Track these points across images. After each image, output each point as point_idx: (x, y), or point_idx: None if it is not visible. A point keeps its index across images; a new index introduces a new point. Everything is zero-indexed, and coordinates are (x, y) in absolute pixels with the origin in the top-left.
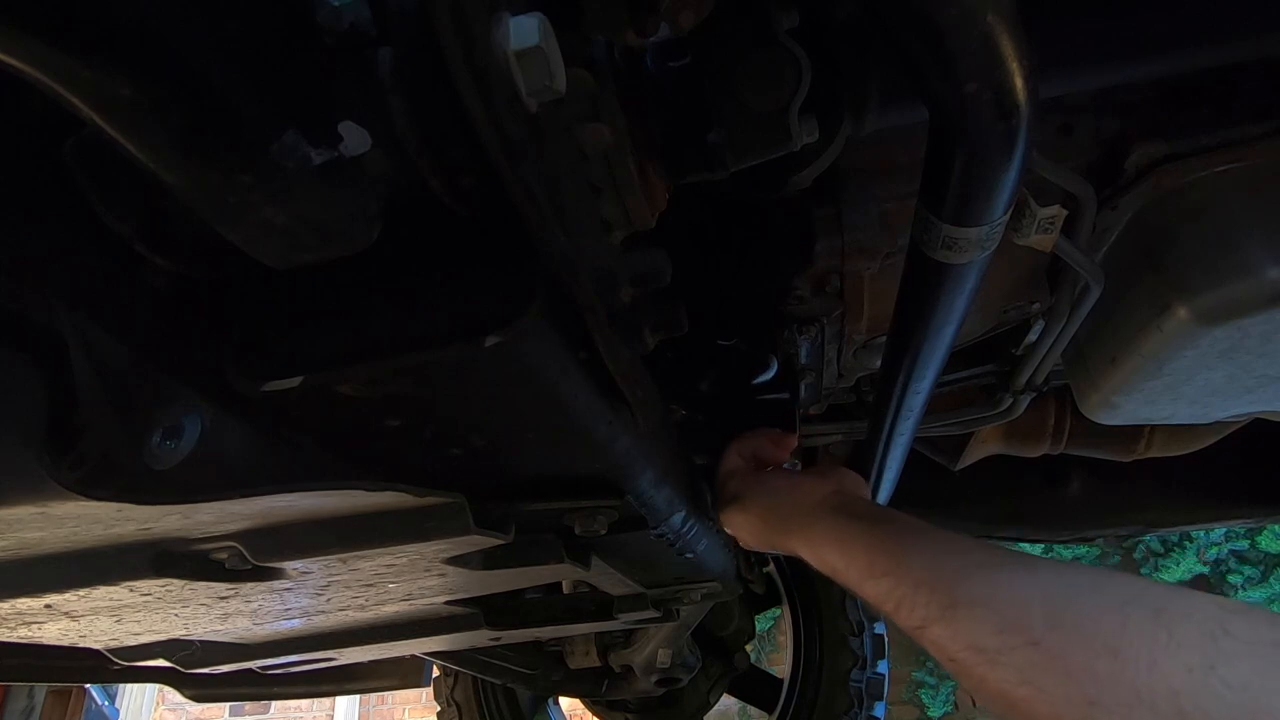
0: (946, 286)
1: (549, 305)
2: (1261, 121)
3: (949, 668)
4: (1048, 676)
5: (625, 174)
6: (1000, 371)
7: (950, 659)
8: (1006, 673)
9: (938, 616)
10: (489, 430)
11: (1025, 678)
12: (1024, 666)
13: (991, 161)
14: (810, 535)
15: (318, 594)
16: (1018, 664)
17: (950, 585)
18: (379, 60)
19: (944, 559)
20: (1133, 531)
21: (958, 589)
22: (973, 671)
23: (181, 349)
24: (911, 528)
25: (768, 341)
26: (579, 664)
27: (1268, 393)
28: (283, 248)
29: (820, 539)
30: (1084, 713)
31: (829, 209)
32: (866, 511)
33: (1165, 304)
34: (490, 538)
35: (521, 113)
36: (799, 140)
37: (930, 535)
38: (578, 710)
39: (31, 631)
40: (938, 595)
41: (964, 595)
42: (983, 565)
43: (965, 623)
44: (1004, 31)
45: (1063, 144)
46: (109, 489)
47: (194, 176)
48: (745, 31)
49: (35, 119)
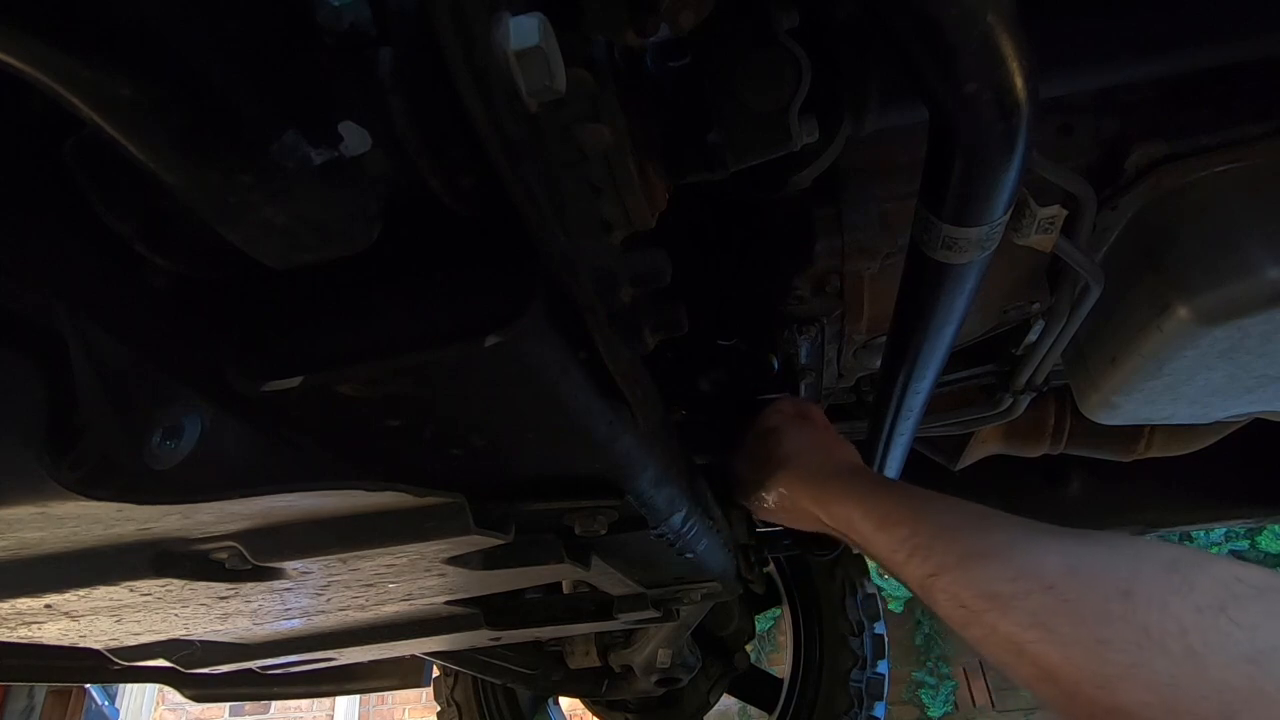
0: (946, 286)
1: (549, 305)
2: (1261, 121)
3: (956, 616)
4: (1059, 618)
5: (625, 174)
6: (1000, 371)
7: (961, 605)
8: (1019, 616)
9: (953, 564)
10: (489, 430)
11: (1037, 620)
12: (1037, 610)
13: (991, 161)
14: (829, 490)
15: (318, 594)
16: (1031, 608)
17: (969, 535)
18: (379, 60)
19: (964, 514)
20: (1133, 531)
21: (975, 539)
22: (983, 619)
23: (181, 349)
24: (930, 493)
25: (768, 341)
26: (579, 664)
27: (1268, 393)
28: (283, 248)
29: (838, 494)
30: (1093, 651)
31: (829, 209)
32: (882, 478)
33: (1165, 304)
34: (490, 538)
35: (521, 113)
36: (799, 140)
37: (949, 499)
38: (578, 710)
39: (31, 631)
40: (956, 544)
41: (980, 545)
42: (1002, 522)
43: (980, 570)
44: (1004, 31)
45: (1063, 144)
46: (109, 489)
47: (194, 176)
48: (745, 31)
49: (35, 119)
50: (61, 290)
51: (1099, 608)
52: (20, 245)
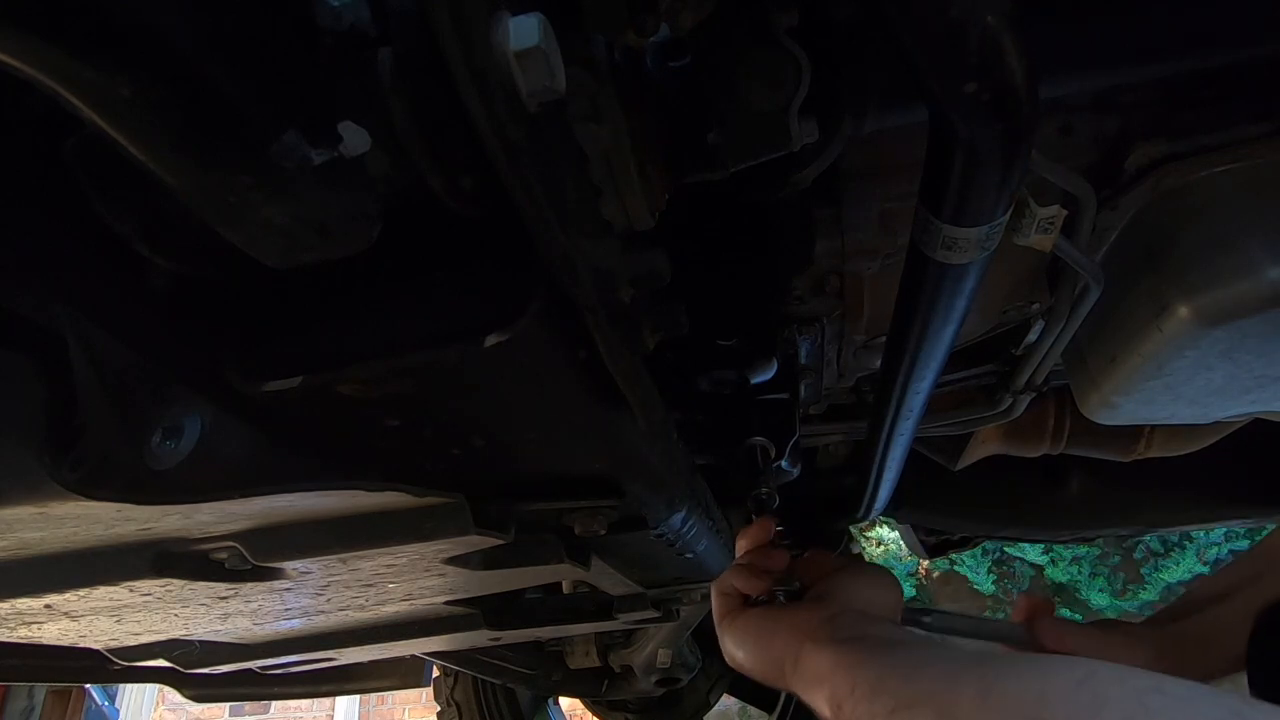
0: (946, 287)
1: (549, 305)
2: (1261, 121)
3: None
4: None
5: (625, 174)
6: (1000, 371)
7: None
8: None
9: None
10: (489, 430)
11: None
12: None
13: (991, 161)
14: (797, 679)
15: (318, 594)
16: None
17: (898, 687)
18: (379, 60)
19: (895, 665)
20: (1133, 531)
21: (904, 690)
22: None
23: (181, 349)
24: (873, 639)
25: (768, 341)
26: (579, 664)
27: (1267, 393)
28: (283, 248)
29: (805, 678)
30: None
31: (829, 209)
32: (841, 637)
33: (1165, 304)
34: (490, 538)
35: (521, 113)
36: (799, 140)
37: (895, 644)
38: (578, 710)
39: (31, 631)
40: (883, 698)
41: (907, 696)
42: (929, 666)
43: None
44: (1004, 31)
45: (1063, 144)
46: (109, 489)
47: (194, 176)
48: (745, 32)
49: (35, 119)
50: (61, 290)
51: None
52: (20, 245)
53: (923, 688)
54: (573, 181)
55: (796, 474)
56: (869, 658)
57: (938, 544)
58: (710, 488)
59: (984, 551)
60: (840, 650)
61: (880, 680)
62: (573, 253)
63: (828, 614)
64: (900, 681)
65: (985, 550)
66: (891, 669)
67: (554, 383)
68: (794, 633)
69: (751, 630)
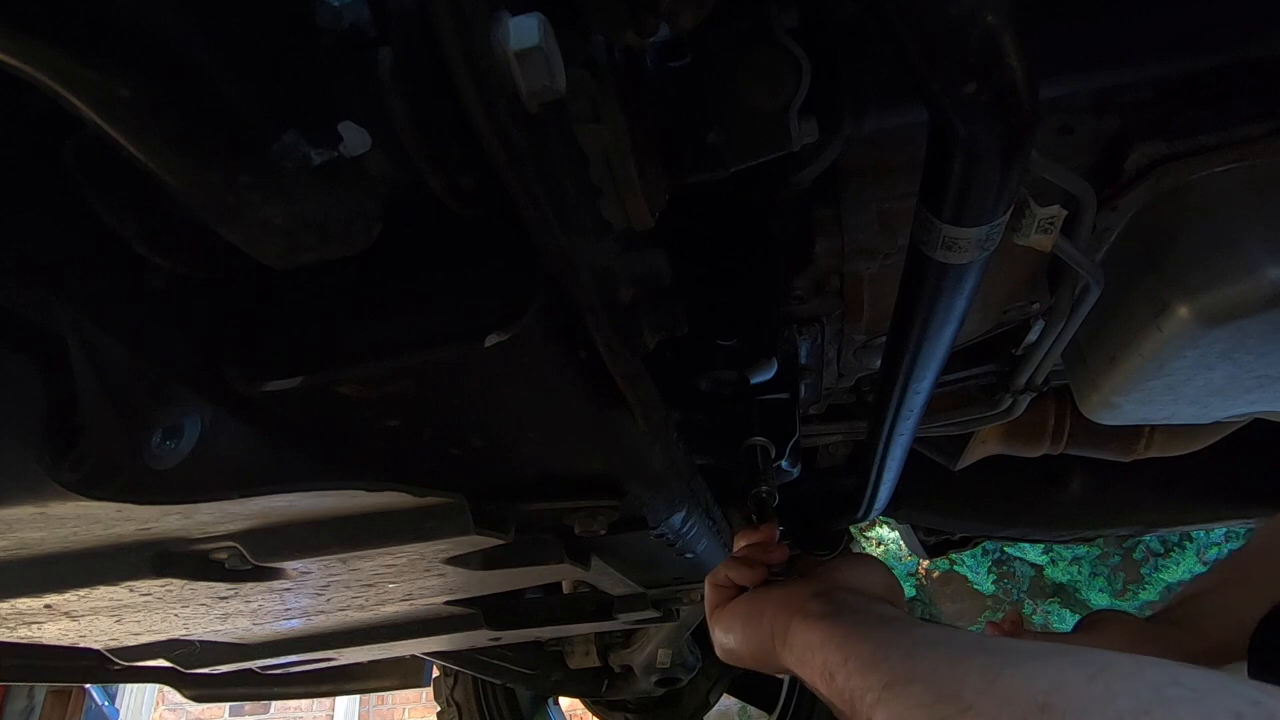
0: (946, 287)
1: (549, 305)
2: (1261, 121)
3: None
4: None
5: (625, 174)
6: (1000, 371)
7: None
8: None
9: (875, 699)
10: (489, 430)
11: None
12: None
13: (991, 161)
14: (788, 653)
15: (317, 594)
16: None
17: (895, 663)
18: (379, 60)
19: (894, 640)
20: (1133, 531)
21: (901, 666)
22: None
23: (181, 349)
24: (867, 615)
25: (768, 341)
26: (579, 664)
27: (1267, 393)
28: (283, 248)
29: (795, 651)
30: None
31: (829, 209)
32: (833, 610)
33: (1165, 304)
34: (490, 538)
35: (521, 113)
36: (799, 140)
37: (888, 621)
38: (578, 710)
39: (31, 631)
40: (878, 673)
41: (904, 671)
42: (931, 644)
43: (901, 698)
44: (1004, 31)
45: (1063, 144)
46: (109, 489)
47: (194, 176)
48: (745, 31)
49: (35, 119)
50: (61, 290)
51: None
52: (20, 245)
53: (922, 666)
54: (573, 182)
55: (796, 474)
56: (863, 631)
57: (938, 544)
58: (710, 488)
59: (984, 551)
60: (833, 622)
61: (875, 654)
62: (573, 253)
63: (819, 588)
64: (898, 657)
65: (985, 550)
66: (887, 644)
67: (554, 383)
68: (782, 607)
69: (740, 613)
